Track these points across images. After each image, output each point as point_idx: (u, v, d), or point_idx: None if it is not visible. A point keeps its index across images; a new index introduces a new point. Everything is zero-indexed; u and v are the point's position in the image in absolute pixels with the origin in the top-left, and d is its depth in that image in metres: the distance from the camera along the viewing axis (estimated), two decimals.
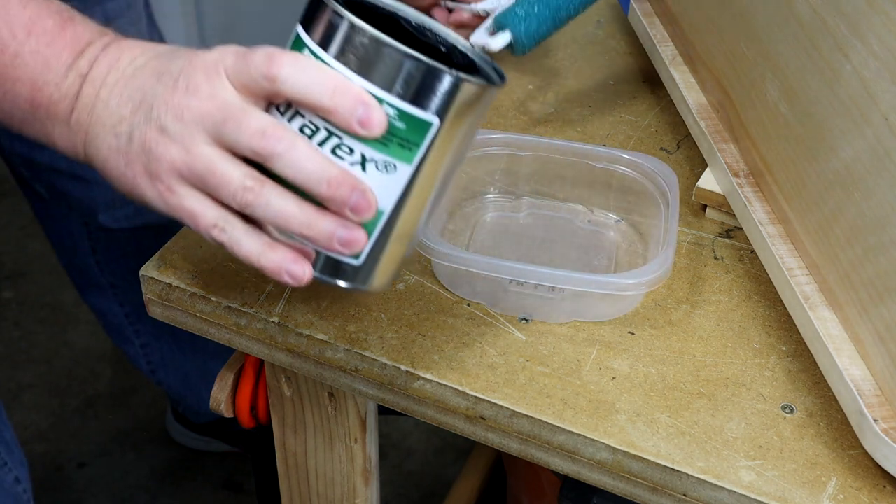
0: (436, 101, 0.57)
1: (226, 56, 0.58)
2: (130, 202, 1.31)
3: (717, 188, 0.79)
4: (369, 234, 0.59)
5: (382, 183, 0.58)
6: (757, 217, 0.74)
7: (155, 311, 0.76)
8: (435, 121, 0.58)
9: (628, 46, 1.00)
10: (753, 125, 0.76)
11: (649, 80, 0.95)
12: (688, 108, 0.84)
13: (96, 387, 1.80)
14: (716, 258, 0.78)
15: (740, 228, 0.78)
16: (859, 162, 0.63)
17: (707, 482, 0.63)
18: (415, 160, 0.58)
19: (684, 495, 0.64)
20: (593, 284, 0.70)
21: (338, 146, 0.58)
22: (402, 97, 0.57)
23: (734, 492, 0.63)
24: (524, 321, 0.72)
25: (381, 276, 0.62)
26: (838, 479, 0.63)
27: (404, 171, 0.58)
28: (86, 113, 0.61)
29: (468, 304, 0.73)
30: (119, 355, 1.84)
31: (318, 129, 0.58)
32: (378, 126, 0.56)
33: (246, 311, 0.72)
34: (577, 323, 0.72)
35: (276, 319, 0.71)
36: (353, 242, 0.58)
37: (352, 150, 0.57)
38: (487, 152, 0.81)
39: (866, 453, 0.63)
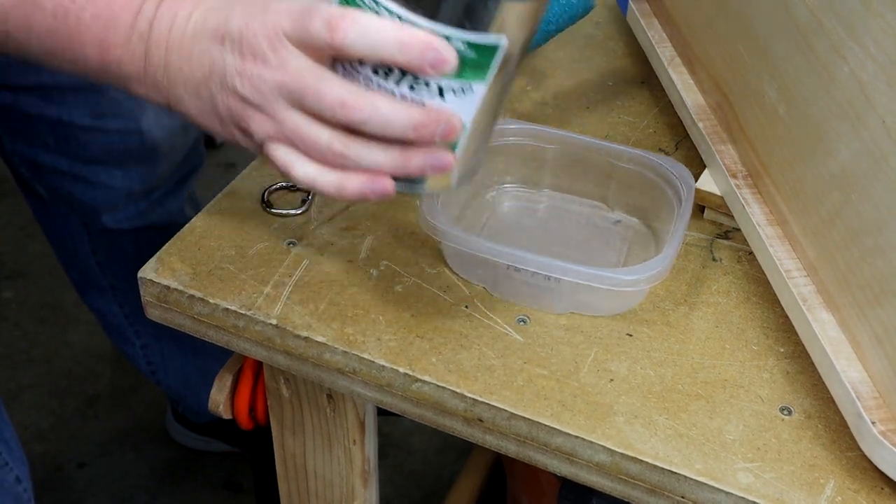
0: (498, 25, 0.60)
1: (282, 20, 0.58)
2: (132, 203, 1.31)
3: (715, 189, 0.79)
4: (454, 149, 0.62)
5: (460, 105, 0.61)
6: (755, 218, 0.74)
7: (153, 314, 0.76)
8: (502, 41, 0.60)
9: (626, 47, 1.00)
10: (751, 127, 0.76)
11: (647, 82, 0.95)
12: (686, 109, 0.84)
13: (96, 387, 1.80)
14: (714, 259, 0.78)
15: (738, 230, 0.78)
16: (856, 164, 0.63)
17: (705, 484, 0.63)
18: (487, 78, 0.61)
19: (682, 497, 0.64)
20: (590, 277, 0.70)
21: (414, 83, 0.59)
22: (470, 29, 0.59)
23: (732, 494, 0.63)
24: (522, 323, 0.72)
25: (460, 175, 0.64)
26: (836, 481, 0.63)
27: (479, 89, 0.61)
28: (161, 74, 0.63)
29: (466, 307, 0.73)
30: (119, 355, 1.84)
31: (392, 70, 0.59)
32: (450, 65, 0.58)
33: (244, 313, 0.72)
34: (575, 325, 0.72)
35: (274, 321, 0.72)
36: (443, 166, 0.61)
37: (428, 84, 0.59)
38: (512, 142, 0.82)
39: (864, 455, 0.63)
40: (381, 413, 0.83)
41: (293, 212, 0.80)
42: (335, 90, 0.58)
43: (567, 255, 0.79)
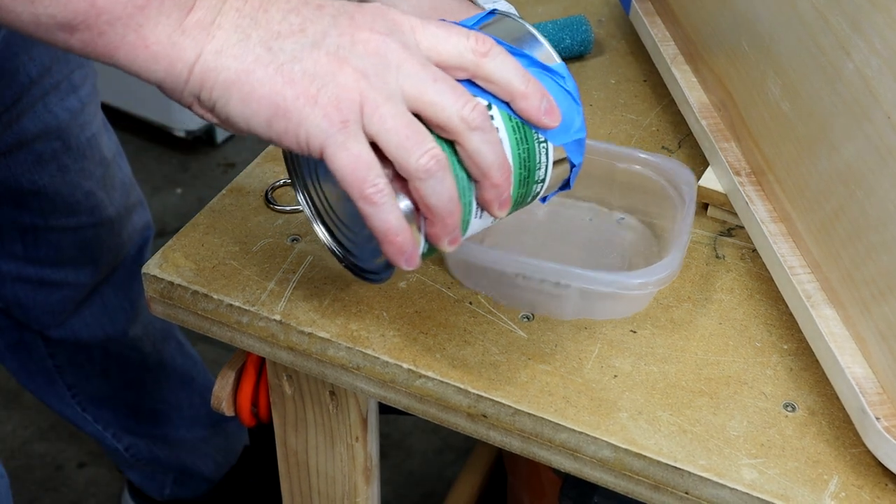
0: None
1: (412, 18, 0.58)
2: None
3: (718, 187, 0.79)
4: None
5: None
6: (759, 216, 0.74)
7: (156, 310, 0.76)
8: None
9: (629, 45, 1.00)
10: (755, 124, 0.76)
11: (650, 80, 0.95)
12: (689, 107, 0.84)
13: None
14: (717, 257, 0.78)
15: (742, 227, 0.79)
16: (861, 160, 0.63)
17: (709, 480, 0.63)
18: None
19: (686, 493, 0.64)
20: (599, 282, 0.70)
21: None
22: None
23: (736, 490, 0.63)
24: (526, 319, 0.72)
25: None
26: (840, 477, 0.63)
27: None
28: (211, 16, 0.56)
29: (470, 303, 0.73)
30: None
31: None
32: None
33: (248, 308, 0.72)
34: (579, 321, 0.72)
35: (277, 317, 0.72)
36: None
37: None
38: None
39: (868, 451, 0.63)
40: (384, 411, 0.83)
41: (296, 208, 0.80)
42: (464, 90, 0.57)
43: (570, 258, 0.79)
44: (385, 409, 0.79)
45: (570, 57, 0.97)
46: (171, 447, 1.42)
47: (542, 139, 0.61)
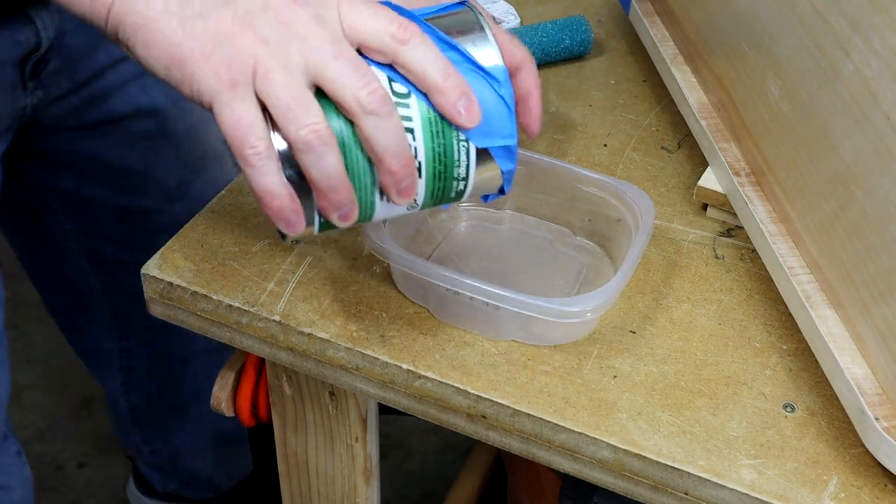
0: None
1: None
2: None
3: (718, 187, 0.79)
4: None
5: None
6: (758, 216, 0.74)
7: (156, 310, 0.76)
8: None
9: (629, 46, 1.00)
10: (755, 124, 0.76)
11: (650, 80, 0.95)
12: (689, 107, 0.84)
13: (95, 386, 1.80)
14: (717, 257, 0.78)
15: (741, 227, 0.79)
16: (861, 160, 0.63)
17: (708, 481, 0.63)
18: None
19: (685, 494, 0.64)
20: (529, 306, 0.67)
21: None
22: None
23: (735, 490, 0.63)
24: None
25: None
26: (839, 477, 0.63)
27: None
28: None
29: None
30: None
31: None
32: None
33: (247, 309, 0.72)
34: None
35: (277, 318, 0.72)
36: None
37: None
38: None
39: (868, 452, 0.63)
40: (383, 411, 0.83)
41: None
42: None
43: (519, 280, 0.77)
44: (385, 410, 0.79)
45: (569, 57, 0.97)
46: (190, 452, 1.42)
47: (463, 138, 0.60)
